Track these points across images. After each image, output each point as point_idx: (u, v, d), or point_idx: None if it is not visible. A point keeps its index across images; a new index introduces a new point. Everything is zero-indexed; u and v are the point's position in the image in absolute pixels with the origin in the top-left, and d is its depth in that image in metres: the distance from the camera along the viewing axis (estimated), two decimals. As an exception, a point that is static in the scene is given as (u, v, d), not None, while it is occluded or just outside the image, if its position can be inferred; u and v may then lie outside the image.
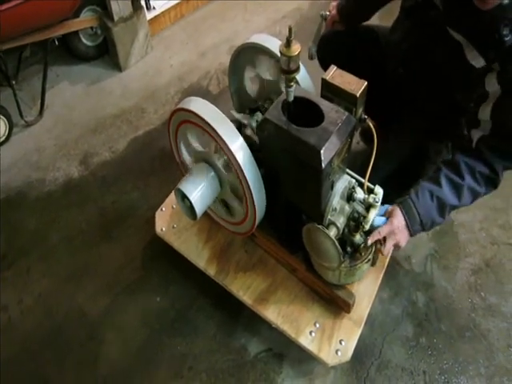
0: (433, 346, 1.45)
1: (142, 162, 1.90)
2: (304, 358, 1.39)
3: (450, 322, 1.49)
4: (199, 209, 1.19)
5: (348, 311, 1.30)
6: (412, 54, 1.26)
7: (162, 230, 1.52)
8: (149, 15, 2.28)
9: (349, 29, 1.48)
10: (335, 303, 1.31)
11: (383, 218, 1.14)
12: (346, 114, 1.01)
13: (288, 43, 0.88)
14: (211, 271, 1.43)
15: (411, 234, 1.15)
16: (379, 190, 1.12)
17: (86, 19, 2.09)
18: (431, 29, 1.16)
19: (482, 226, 1.70)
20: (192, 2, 2.49)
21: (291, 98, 1.00)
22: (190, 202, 1.17)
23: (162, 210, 1.56)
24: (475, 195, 1.13)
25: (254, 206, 1.14)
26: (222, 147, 1.09)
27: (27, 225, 1.75)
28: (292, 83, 0.97)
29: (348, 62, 1.09)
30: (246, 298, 1.37)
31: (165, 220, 1.54)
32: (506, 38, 0.97)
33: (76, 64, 2.27)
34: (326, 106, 1.02)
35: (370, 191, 1.12)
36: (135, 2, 2.14)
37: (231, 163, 1.10)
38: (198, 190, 1.18)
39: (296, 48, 0.89)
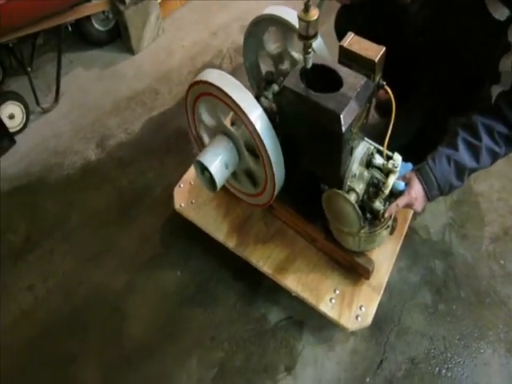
0: (452, 312, 1.44)
1: (158, 143, 1.89)
2: (324, 326, 1.39)
3: (469, 288, 1.48)
4: (219, 179, 1.18)
5: (367, 277, 1.29)
6: (432, 22, 1.22)
7: (180, 205, 1.52)
8: (160, -5, 2.25)
9: None
10: (355, 270, 1.31)
11: (402, 183, 1.12)
12: (365, 79, 0.99)
13: (306, 8, 0.86)
14: (231, 244, 1.43)
15: (429, 200, 1.14)
16: (398, 157, 1.11)
17: (98, 3, 2.05)
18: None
19: (501, 195, 1.68)
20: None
21: (309, 65, 0.99)
22: (210, 173, 1.16)
23: (180, 186, 1.56)
24: (495, 156, 1.10)
25: (274, 174, 1.13)
26: (240, 117, 1.08)
27: (48, 208, 1.76)
28: (310, 49, 0.95)
29: (366, 34, 1.06)
30: (266, 268, 1.37)
31: (183, 196, 1.54)
32: None
33: (89, 49, 2.27)
34: (344, 71, 1.00)
35: (389, 158, 1.11)
36: (146, -15, 2.11)
37: (251, 132, 1.09)
38: (218, 161, 1.17)
39: (314, 13, 0.87)
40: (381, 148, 1.12)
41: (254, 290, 1.50)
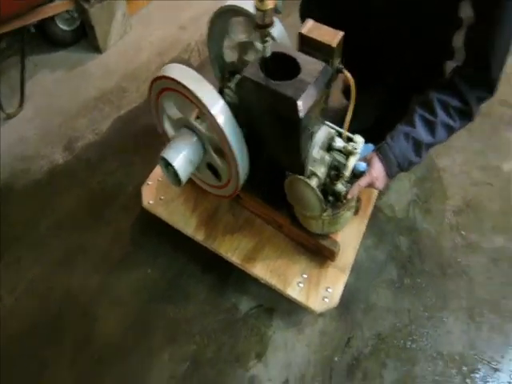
0: (416, 285, 1.50)
1: (126, 141, 1.89)
2: (293, 310, 1.42)
3: (432, 261, 1.55)
4: (183, 174, 1.20)
5: (333, 259, 1.34)
6: (390, 4, 1.24)
7: (149, 203, 1.53)
8: (125, -7, 2.21)
9: None
10: (321, 253, 1.35)
11: (364, 164, 1.15)
12: (323, 64, 1.02)
13: (261, -3, 0.90)
14: (199, 237, 1.45)
15: (390, 177, 1.19)
16: (359, 139, 1.14)
17: (62, 3, 2.02)
18: None
19: (462, 168, 1.76)
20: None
21: (268, 54, 1.01)
22: (174, 169, 1.18)
23: (148, 184, 1.57)
24: (450, 130, 1.15)
25: (238, 167, 1.16)
26: (203, 111, 1.10)
27: (16, 215, 1.73)
28: (267, 38, 0.97)
29: (328, 21, 1.08)
30: (235, 258, 1.40)
31: (151, 193, 1.55)
32: None
33: (54, 51, 2.22)
34: (302, 58, 1.03)
35: (350, 140, 1.15)
36: (110, -18, 2.07)
37: (213, 126, 1.11)
38: (181, 156, 1.19)
39: (269, 2, 0.90)
40: (342, 130, 1.16)
41: (223, 281, 1.51)
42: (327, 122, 1.19)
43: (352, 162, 1.12)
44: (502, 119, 1.88)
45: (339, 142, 1.14)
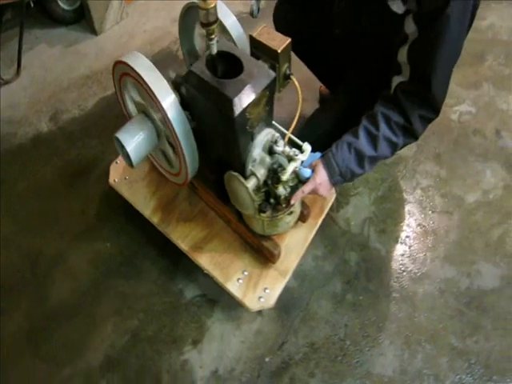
0: (358, 302, 1.49)
1: (108, 120, 1.95)
2: (234, 305, 1.44)
3: (378, 282, 1.53)
4: (134, 158, 1.22)
5: (273, 261, 1.34)
6: (345, 13, 1.25)
7: (114, 181, 1.57)
8: (122, -19, 2.28)
9: None
10: (262, 254, 1.36)
11: (309, 171, 1.15)
12: (265, 67, 1.03)
13: (203, -4, 0.92)
14: (155, 220, 1.48)
15: (333, 185, 1.18)
16: (307, 147, 1.14)
17: None
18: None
19: (425, 193, 1.73)
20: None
21: (214, 51, 1.02)
22: (126, 151, 1.20)
23: (116, 162, 1.61)
24: (393, 146, 1.14)
25: (185, 159, 1.17)
26: (155, 102, 1.11)
27: (-3, 173, 1.81)
28: (213, 36, 0.98)
29: (294, 27, 1.12)
30: (184, 245, 1.42)
31: (118, 172, 1.58)
32: None
33: (54, 28, 2.33)
34: (246, 59, 1.04)
35: (298, 147, 1.15)
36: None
37: (164, 119, 1.12)
38: (134, 140, 1.20)
39: (211, 1, 0.93)
40: (291, 136, 1.16)
41: (175, 266, 1.55)
42: (278, 126, 1.19)
43: (290, 167, 1.11)
44: (472, 150, 1.83)
45: (280, 147, 1.14)
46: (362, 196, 1.71)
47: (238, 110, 0.99)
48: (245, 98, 1.00)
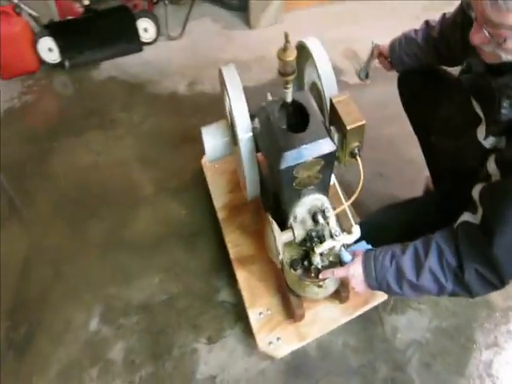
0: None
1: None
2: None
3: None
4: (209, 156, 1.32)
5: (293, 318, 1.30)
6: (439, 125, 1.16)
7: (205, 162, 1.72)
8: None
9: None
10: (288, 306, 1.32)
11: (349, 257, 1.10)
12: (327, 136, 0.99)
13: (285, 48, 0.90)
14: (220, 215, 1.56)
15: (369, 287, 1.08)
16: (356, 231, 1.08)
17: None
18: (459, 99, 1.04)
19: (495, 358, 1.39)
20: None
21: (288, 99, 1.02)
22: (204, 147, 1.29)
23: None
24: (439, 285, 0.99)
25: (246, 180, 1.21)
26: (232, 119, 1.15)
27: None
28: (288, 85, 0.97)
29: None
30: (231, 252, 1.47)
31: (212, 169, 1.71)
32: (503, 111, 0.84)
33: (221, 8, 2.65)
34: (315, 120, 1.01)
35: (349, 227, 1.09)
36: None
37: (236, 144, 1.16)
38: (213, 141, 1.29)
39: (290, 54, 0.91)
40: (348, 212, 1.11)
41: (224, 263, 1.56)
42: (339, 193, 1.15)
43: (328, 244, 1.07)
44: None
45: (322, 219, 1.08)
46: (423, 316, 1.46)
47: (284, 164, 0.98)
48: (294, 158, 0.98)
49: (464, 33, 1.08)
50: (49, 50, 2.30)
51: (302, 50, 1.23)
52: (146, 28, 2.34)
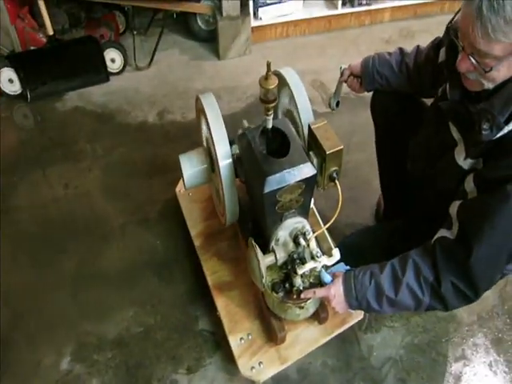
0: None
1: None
2: (233, 359, 1.37)
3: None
4: (187, 183, 1.33)
5: (276, 343, 1.29)
6: (417, 151, 1.20)
7: (180, 191, 1.71)
8: (254, 23, 2.54)
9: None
10: (270, 329, 1.32)
11: (330, 278, 1.12)
12: (308, 161, 1.02)
13: (266, 77, 0.94)
14: (197, 243, 1.54)
15: (350, 307, 1.10)
16: (336, 253, 1.11)
17: (203, 6, 2.43)
18: (435, 124, 1.09)
19: (463, 370, 1.44)
20: (300, 27, 2.73)
21: (269, 126, 1.05)
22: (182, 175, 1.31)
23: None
24: (417, 300, 1.01)
25: (225, 205, 1.22)
26: (213, 146, 1.16)
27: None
28: (270, 112, 1.01)
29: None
30: (209, 279, 1.45)
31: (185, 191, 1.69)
32: (484, 132, 0.87)
33: (189, 39, 2.69)
34: (295, 146, 1.04)
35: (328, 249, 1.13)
36: (244, 8, 2.42)
37: (216, 170, 1.18)
38: (191, 168, 1.32)
39: (272, 82, 0.94)
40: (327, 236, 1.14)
41: (201, 291, 1.55)
42: (317, 217, 1.17)
43: (309, 265, 1.08)
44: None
45: (304, 241, 1.10)
46: (396, 333, 1.50)
47: (268, 188, 1.00)
48: (277, 182, 1.00)
49: (435, 68, 1.17)
50: (9, 81, 2.25)
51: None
52: (113, 58, 2.35)
